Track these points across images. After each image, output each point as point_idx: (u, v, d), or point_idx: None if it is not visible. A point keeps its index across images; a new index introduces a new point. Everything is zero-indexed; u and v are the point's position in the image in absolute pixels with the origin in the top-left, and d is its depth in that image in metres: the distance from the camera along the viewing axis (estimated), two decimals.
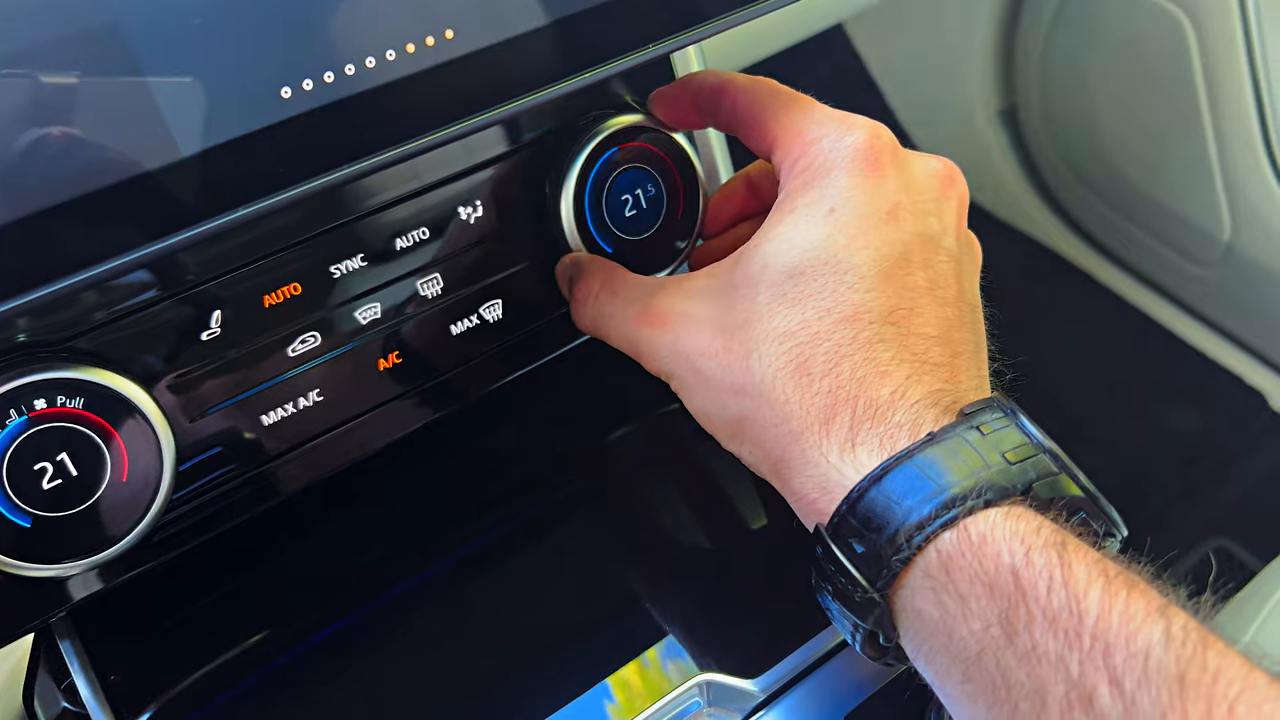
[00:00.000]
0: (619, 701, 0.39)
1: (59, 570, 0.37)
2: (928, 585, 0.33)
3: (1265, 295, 1.16)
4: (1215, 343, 1.25)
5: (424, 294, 0.44)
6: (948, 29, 1.33)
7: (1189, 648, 0.29)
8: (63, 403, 0.36)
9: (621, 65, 0.35)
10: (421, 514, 0.47)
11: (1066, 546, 0.32)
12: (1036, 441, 0.35)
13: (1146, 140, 1.22)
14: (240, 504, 0.42)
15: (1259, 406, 1.21)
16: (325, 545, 0.46)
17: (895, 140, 0.40)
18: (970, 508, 0.32)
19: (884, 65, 1.34)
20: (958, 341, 0.38)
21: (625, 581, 0.44)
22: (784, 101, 0.41)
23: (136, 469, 0.38)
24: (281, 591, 0.45)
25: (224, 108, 0.29)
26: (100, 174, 0.28)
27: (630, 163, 0.46)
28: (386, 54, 0.31)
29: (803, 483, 0.36)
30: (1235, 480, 1.16)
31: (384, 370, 0.44)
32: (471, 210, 0.45)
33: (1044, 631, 0.30)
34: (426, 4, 0.31)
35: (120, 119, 0.28)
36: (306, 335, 0.42)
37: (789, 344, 0.37)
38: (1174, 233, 1.22)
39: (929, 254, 0.38)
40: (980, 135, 1.37)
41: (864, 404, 0.36)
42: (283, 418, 0.42)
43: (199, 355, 0.40)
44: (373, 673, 0.42)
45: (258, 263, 0.40)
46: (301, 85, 0.30)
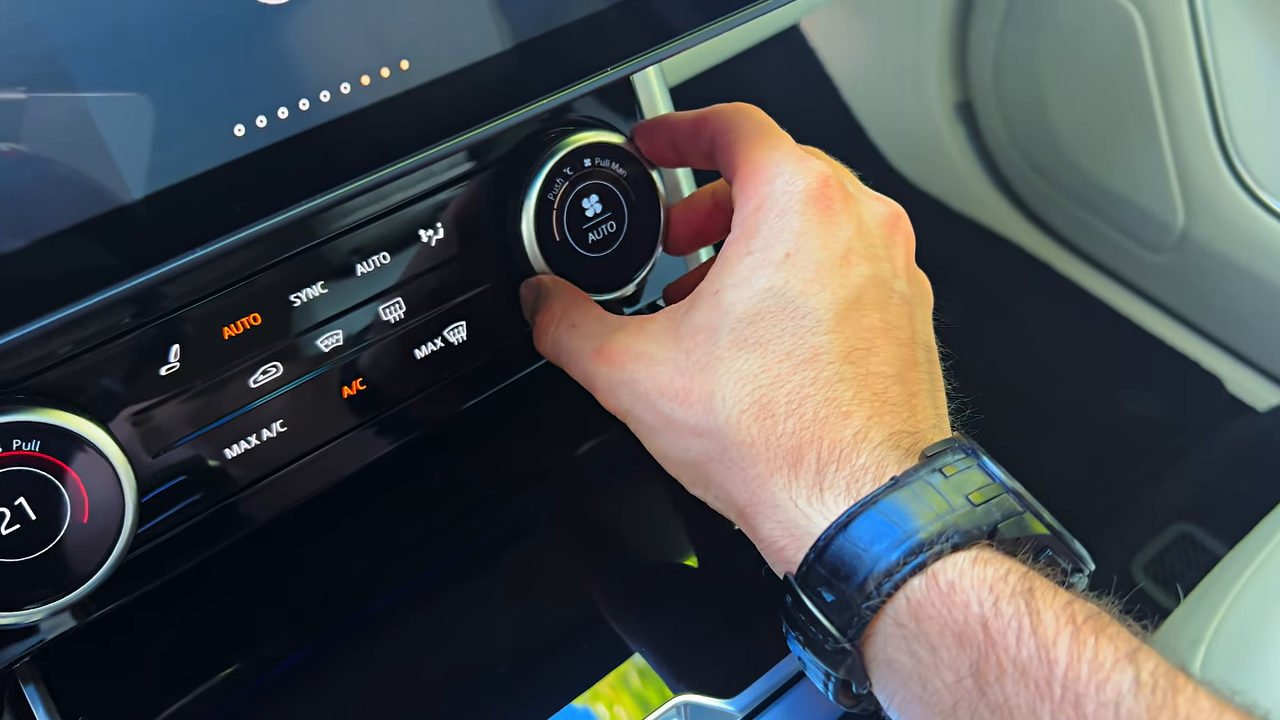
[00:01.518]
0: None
1: (20, 617, 0.37)
2: (899, 634, 0.33)
3: (1219, 280, 1.18)
4: (1172, 328, 1.27)
5: (386, 319, 0.44)
6: (902, 26, 1.35)
7: (1158, 695, 0.29)
8: (18, 446, 0.36)
9: (579, 90, 0.35)
10: (389, 538, 0.47)
11: (1034, 593, 0.32)
12: (999, 481, 0.35)
13: (1100, 131, 1.24)
14: (206, 539, 0.42)
15: (1216, 390, 1.23)
16: (292, 574, 0.45)
17: (844, 184, 0.41)
18: (938, 552, 0.33)
19: (841, 64, 1.35)
20: (913, 381, 0.39)
21: (600, 603, 0.44)
22: (752, 132, 0.42)
23: (98, 510, 0.37)
24: (249, 624, 0.44)
25: (178, 148, 0.29)
26: (56, 218, 0.27)
27: (590, 180, 0.46)
28: (341, 87, 0.31)
29: (770, 529, 0.36)
30: (1196, 465, 1.18)
31: (349, 397, 0.44)
32: (432, 233, 0.44)
33: (1015, 684, 0.31)
34: (381, 36, 0.31)
35: (72, 163, 0.28)
36: (268, 365, 0.42)
37: (751, 385, 0.37)
38: (1129, 221, 1.24)
39: (882, 296, 0.39)
40: (937, 130, 1.39)
41: (828, 445, 0.36)
42: (246, 450, 0.42)
43: (158, 390, 0.40)
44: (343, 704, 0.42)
45: (216, 294, 0.40)
46: (255, 122, 0.30)
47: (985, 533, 0.33)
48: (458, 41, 0.32)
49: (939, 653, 0.32)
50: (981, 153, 1.40)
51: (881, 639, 0.33)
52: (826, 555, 0.34)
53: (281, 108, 0.30)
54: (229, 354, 0.41)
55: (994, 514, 0.34)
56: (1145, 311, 1.29)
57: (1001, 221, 1.40)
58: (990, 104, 1.34)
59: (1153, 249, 1.23)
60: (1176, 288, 1.25)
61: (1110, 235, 1.29)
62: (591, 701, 0.40)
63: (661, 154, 0.47)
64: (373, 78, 0.31)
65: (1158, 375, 1.27)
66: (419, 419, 0.45)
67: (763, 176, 0.40)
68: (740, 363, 0.38)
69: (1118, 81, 1.16)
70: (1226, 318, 1.23)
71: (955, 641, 0.32)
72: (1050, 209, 1.36)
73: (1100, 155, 1.25)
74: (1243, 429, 1.20)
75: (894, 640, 0.33)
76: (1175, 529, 1.09)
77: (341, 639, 0.44)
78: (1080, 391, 1.26)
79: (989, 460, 0.36)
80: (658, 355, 0.39)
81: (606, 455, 0.49)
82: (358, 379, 0.44)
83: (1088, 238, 1.33)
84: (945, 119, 1.38)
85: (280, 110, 0.30)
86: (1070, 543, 0.35)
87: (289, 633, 0.44)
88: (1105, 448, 1.16)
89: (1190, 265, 1.20)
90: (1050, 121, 1.28)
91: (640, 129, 0.47)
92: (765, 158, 0.40)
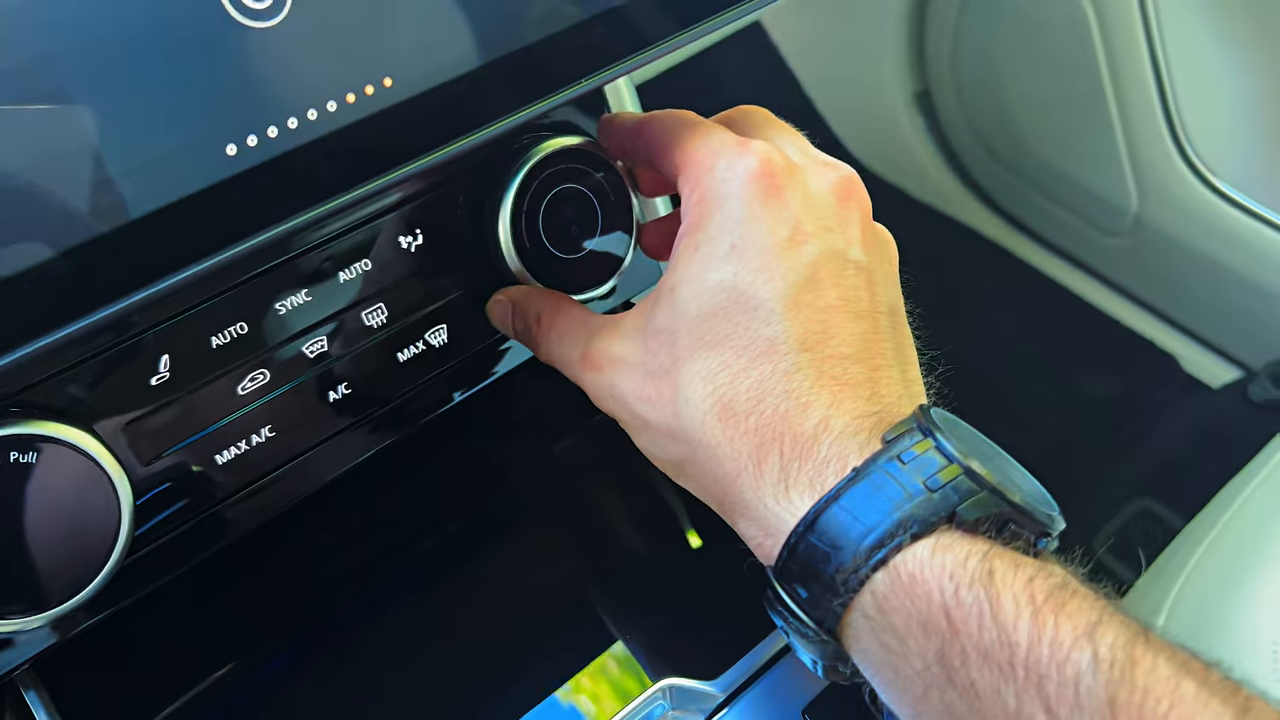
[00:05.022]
0: (585, 708, 0.40)
1: (20, 624, 0.37)
2: (868, 626, 0.34)
3: (1173, 262, 1.20)
4: (1128, 310, 1.28)
5: (369, 324, 0.45)
6: (860, 17, 1.35)
7: (1116, 670, 0.30)
8: (16, 459, 0.36)
9: (558, 100, 0.36)
10: (376, 532, 0.48)
11: (993, 576, 0.32)
12: (956, 461, 0.35)
13: (1056, 119, 1.25)
14: (199, 543, 0.43)
15: (1172, 369, 1.24)
16: (286, 572, 0.46)
17: (788, 155, 0.40)
18: (898, 545, 0.33)
19: (801, 56, 1.35)
20: (877, 354, 0.38)
21: (582, 591, 0.46)
22: (686, 129, 0.41)
23: (94, 517, 0.38)
24: (243, 623, 0.45)
25: (172, 168, 0.30)
26: (55, 240, 0.29)
27: (563, 183, 0.47)
28: (328, 105, 0.32)
29: (746, 526, 0.37)
30: (1154, 442, 1.19)
31: (335, 401, 0.45)
32: (412, 239, 0.46)
33: (979, 668, 0.31)
34: (364, 54, 0.32)
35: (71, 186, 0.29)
36: (255, 373, 0.43)
37: (711, 386, 0.37)
38: (1085, 206, 1.25)
39: (836, 270, 0.39)
40: (896, 120, 1.39)
41: (790, 440, 0.36)
42: (236, 455, 0.43)
43: (150, 400, 0.40)
44: (338, 696, 0.43)
45: (203, 305, 0.41)
46: (246, 141, 0.31)
47: (945, 517, 0.34)
48: (439, 58, 0.34)
49: (906, 642, 0.33)
50: (940, 141, 1.40)
51: (854, 631, 0.34)
52: (798, 553, 0.35)
53: (272, 126, 0.31)
54: (217, 362, 0.42)
55: (952, 498, 0.34)
56: (1102, 294, 1.30)
57: (960, 208, 1.40)
58: (948, 93, 1.35)
59: (1108, 233, 1.25)
60: (1131, 270, 1.27)
61: (1066, 220, 1.30)
62: (577, 687, 0.42)
63: (618, 156, 0.47)
64: (358, 95, 0.32)
65: (1115, 356, 1.27)
66: (404, 420, 0.47)
67: (701, 167, 0.40)
68: (700, 363, 0.37)
69: (1072, 71, 1.17)
70: (1180, 298, 1.24)
71: (921, 631, 0.32)
72: (1008, 195, 1.36)
73: (1056, 142, 1.26)
74: (1198, 406, 1.22)
75: (864, 632, 0.34)
76: (1136, 504, 1.11)
77: (331, 635, 0.45)
78: (1040, 373, 1.26)
79: (945, 437, 0.35)
80: (630, 359, 0.40)
81: (585, 447, 0.50)
82: (343, 383, 0.45)
83: (1045, 223, 1.34)
84: (904, 108, 1.39)
85: (270, 129, 0.31)
86: (1031, 511, 0.35)
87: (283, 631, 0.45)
88: (1065, 427, 1.17)
89: (1144, 248, 1.22)
90: (1007, 110, 1.29)
91: (599, 131, 0.47)
92: (701, 148, 0.40)
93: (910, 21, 1.34)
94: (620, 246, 0.49)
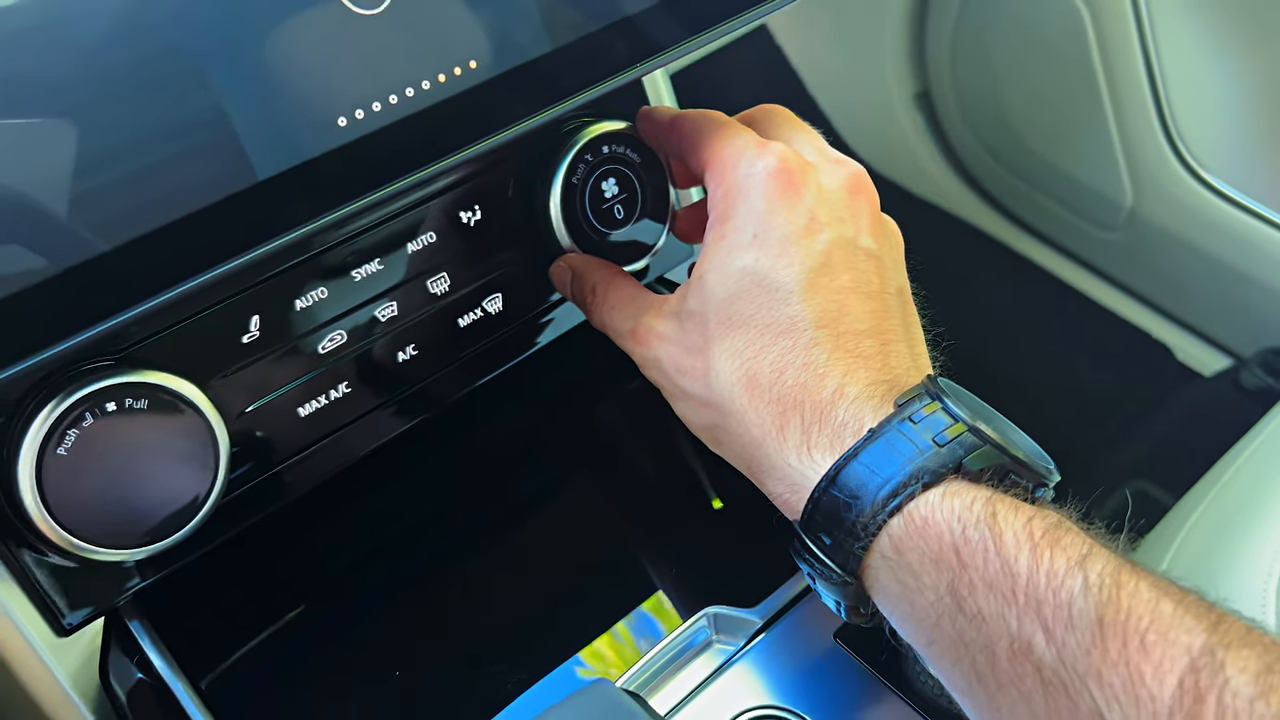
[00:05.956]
0: (639, 634, 0.45)
1: (126, 555, 0.41)
2: (886, 566, 0.37)
3: (1166, 256, 1.22)
4: (1124, 302, 1.30)
5: (434, 291, 0.49)
6: (863, 21, 1.37)
7: (1104, 593, 0.33)
8: (129, 404, 0.40)
9: (614, 84, 0.41)
10: (441, 484, 0.52)
11: (996, 517, 0.36)
12: (961, 420, 0.38)
13: (1051, 117, 1.26)
14: (283, 488, 0.47)
15: (1167, 360, 1.26)
16: (358, 518, 0.50)
17: (803, 155, 0.44)
18: (911, 493, 0.36)
19: (806, 59, 1.37)
20: (887, 330, 0.42)
21: (633, 532, 0.50)
22: (713, 128, 0.46)
23: (196, 460, 0.42)
24: (319, 562, 0.49)
25: (293, 135, 0.34)
26: (198, 198, 0.33)
27: (608, 164, 0.51)
28: (422, 84, 0.36)
29: (774, 484, 0.41)
30: (1149, 427, 1.21)
31: (403, 361, 0.49)
32: (471, 214, 0.50)
33: (985, 596, 0.35)
34: (452, 40, 0.36)
35: (205, 151, 0.33)
36: (335, 333, 0.47)
37: (738, 360, 0.41)
38: (1081, 201, 1.27)
39: (848, 256, 0.43)
40: (898, 119, 1.41)
41: (809, 407, 0.40)
42: (317, 409, 0.47)
43: (242, 356, 0.45)
44: (410, 625, 0.47)
45: (289, 270, 0.45)
46: (354, 115, 0.35)
47: (952, 468, 0.37)
48: (515, 44, 0.38)
49: (920, 577, 0.36)
50: (940, 140, 1.42)
51: (874, 571, 0.38)
52: (821, 505, 0.38)
53: (375, 102, 0.35)
54: (301, 324, 0.46)
55: (958, 451, 0.37)
56: (1098, 286, 1.32)
57: (961, 205, 1.42)
58: (948, 94, 1.37)
59: (1104, 227, 1.27)
60: (1127, 263, 1.29)
61: (1064, 215, 1.32)
62: (631, 616, 0.46)
63: (653, 146, 0.51)
64: (447, 75, 0.37)
65: (1111, 346, 1.29)
66: (464, 380, 0.51)
67: (727, 165, 0.44)
68: (728, 340, 0.42)
69: (1067, 71, 1.19)
70: (1174, 290, 1.26)
71: (933, 567, 0.36)
72: (1007, 192, 1.38)
73: (1053, 140, 1.27)
74: (1191, 393, 1.24)
75: (883, 571, 0.37)
76: (1131, 485, 1.13)
77: (403, 572, 0.49)
78: (1039, 363, 1.28)
79: (952, 400, 0.39)
80: (671, 335, 0.44)
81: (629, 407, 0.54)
82: (411, 344, 0.49)
83: (1043, 218, 1.35)
84: (905, 109, 1.40)
85: (374, 104, 0.35)
86: (1029, 463, 0.38)
87: (359, 568, 0.49)
88: (1064, 414, 1.19)
89: (1139, 242, 1.23)
90: (1005, 110, 1.31)
91: (638, 121, 0.51)
92: (726, 148, 0.44)
93: (910, 24, 1.36)
94: (657, 224, 0.53)
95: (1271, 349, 1.20)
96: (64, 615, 0.42)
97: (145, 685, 0.44)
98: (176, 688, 0.43)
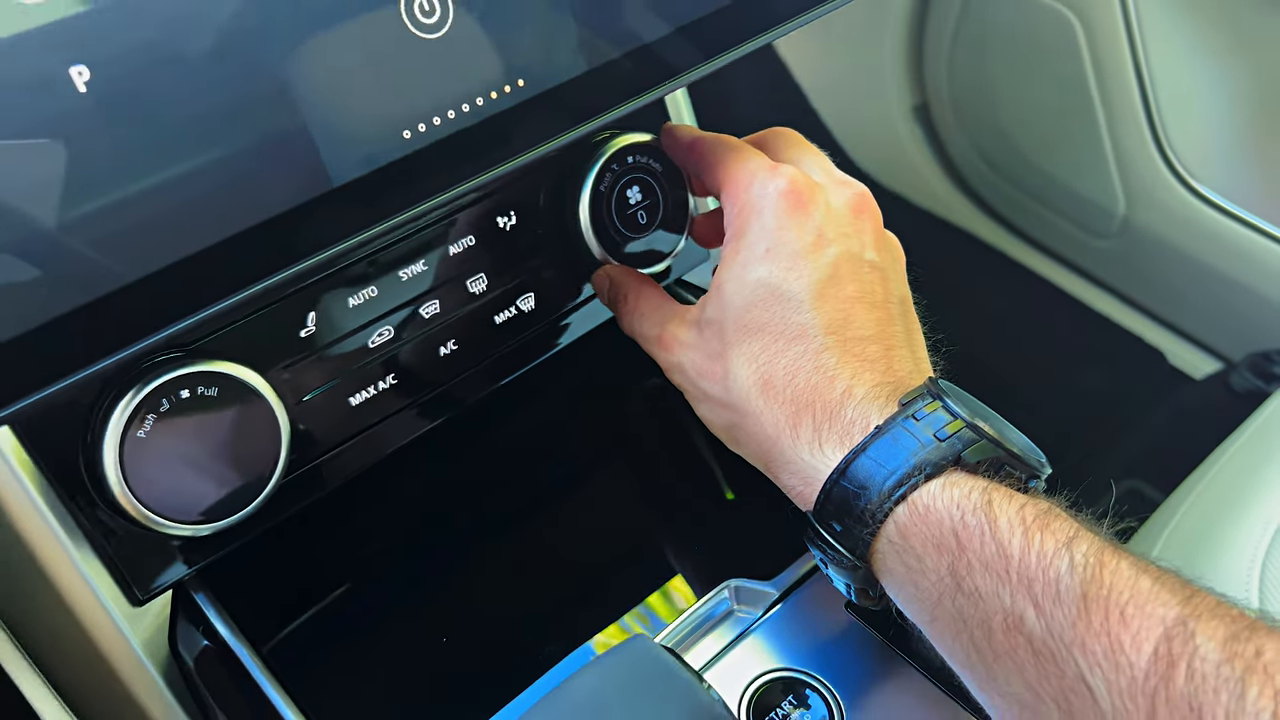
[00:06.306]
0: (665, 604, 0.48)
1: (194, 530, 0.45)
2: (892, 550, 0.40)
3: (1158, 263, 1.24)
4: (1117, 307, 1.32)
5: (472, 290, 0.53)
6: (863, 36, 1.40)
7: (1088, 571, 0.36)
8: (202, 392, 0.44)
9: (634, 105, 0.44)
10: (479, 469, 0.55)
11: (992, 504, 0.38)
12: (960, 417, 0.41)
13: (1047, 129, 1.29)
14: (335, 471, 0.50)
15: (1160, 364, 1.29)
16: (402, 499, 0.54)
17: (811, 177, 0.47)
18: (914, 484, 0.39)
19: (809, 73, 1.39)
20: (890, 336, 0.45)
21: (658, 514, 0.53)
22: (728, 152, 0.49)
23: (261, 443, 0.46)
24: (367, 539, 0.53)
25: (366, 145, 0.38)
26: (280, 203, 0.37)
27: (633, 174, 0.55)
28: (476, 100, 0.40)
29: (788, 478, 0.44)
30: (1142, 428, 1.24)
31: (444, 356, 0.53)
32: (506, 219, 0.54)
33: (981, 575, 0.37)
34: (503, 60, 0.40)
35: (290, 161, 0.37)
36: (382, 329, 0.51)
37: (754, 365, 0.44)
38: (1075, 210, 1.30)
39: (854, 268, 0.46)
40: (897, 131, 1.43)
41: (820, 407, 0.43)
42: (366, 398, 0.51)
43: (300, 349, 0.48)
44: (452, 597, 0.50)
45: (343, 270, 0.49)
46: (417, 128, 0.39)
47: (952, 461, 0.40)
48: (558, 65, 0.42)
49: (923, 560, 0.39)
50: (939, 151, 1.45)
51: (881, 555, 0.41)
52: (832, 496, 0.41)
53: (436, 116, 0.39)
54: (352, 320, 0.50)
55: (957, 445, 0.40)
56: (1093, 293, 1.34)
57: (959, 214, 1.44)
58: (945, 106, 1.40)
59: (1097, 235, 1.29)
60: (1120, 270, 1.32)
61: (1059, 224, 1.34)
62: (657, 587, 0.49)
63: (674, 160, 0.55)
64: (499, 92, 0.40)
65: (1106, 350, 1.31)
66: (500, 373, 0.55)
67: (740, 186, 0.47)
68: (745, 346, 0.45)
69: (1061, 83, 1.21)
70: (1166, 296, 1.28)
71: (935, 550, 0.39)
72: (1003, 201, 1.41)
73: (1047, 151, 1.30)
74: (1182, 395, 1.26)
75: (890, 555, 0.40)
76: (1125, 484, 1.16)
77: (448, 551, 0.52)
78: (1036, 367, 1.30)
79: (952, 400, 0.42)
80: (692, 342, 0.47)
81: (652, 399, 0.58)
82: (451, 340, 0.53)
83: (1038, 227, 1.38)
84: (904, 121, 1.43)
85: (435, 119, 0.39)
86: (1022, 456, 0.41)
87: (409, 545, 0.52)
88: (1060, 416, 1.21)
89: (1132, 249, 1.25)
90: (1001, 121, 1.33)
91: (661, 138, 0.55)
92: (740, 171, 0.48)
93: (909, 39, 1.38)
94: (677, 228, 0.57)
95: (1260, 353, 1.21)
96: (138, 587, 0.46)
97: (211, 651, 0.47)
98: (241, 652, 0.46)
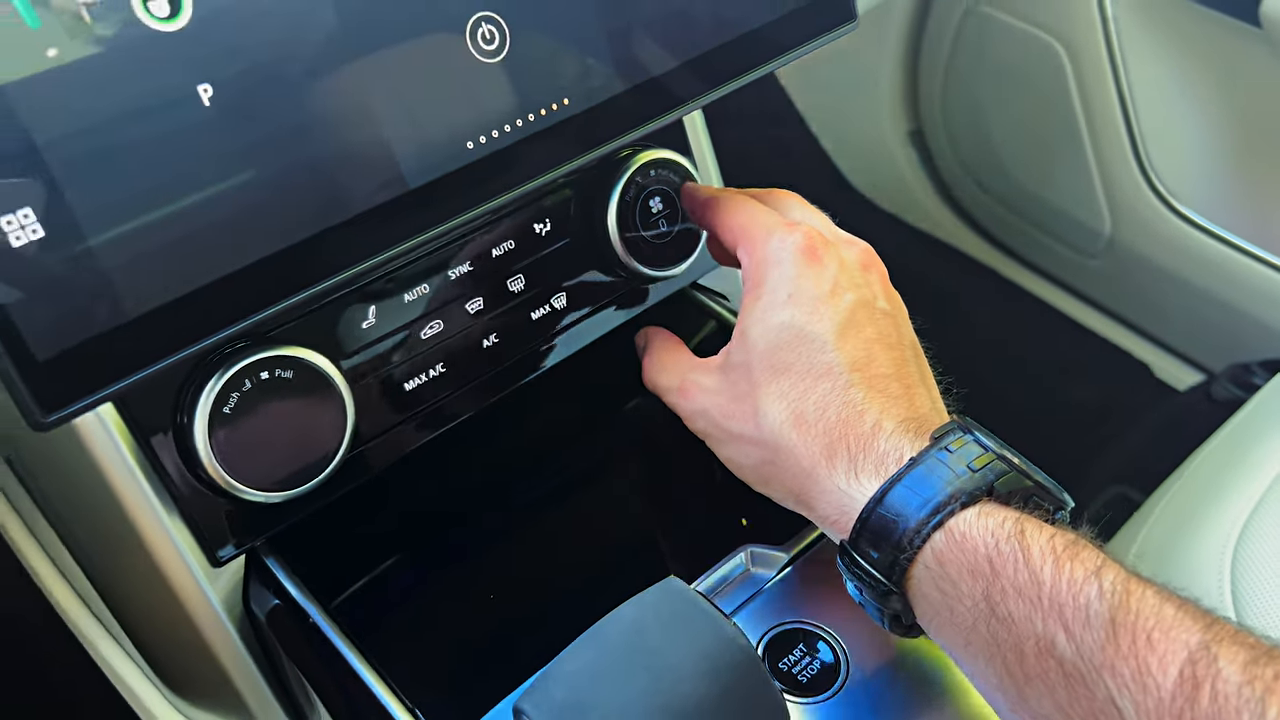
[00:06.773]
0: (684, 566, 0.53)
1: (266, 498, 0.50)
2: (928, 575, 0.41)
3: (1143, 280, 1.27)
4: (1105, 323, 1.37)
5: (512, 289, 0.59)
6: (860, 64, 1.44)
7: (1116, 598, 0.37)
8: (279, 374, 0.50)
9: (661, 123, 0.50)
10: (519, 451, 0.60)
11: (1024, 533, 0.40)
12: (990, 450, 0.43)
13: (1035, 152, 1.33)
14: (393, 448, 0.56)
15: (1145, 376, 1.33)
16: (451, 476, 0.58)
17: (824, 235, 0.50)
18: (950, 511, 0.41)
19: (808, 100, 1.45)
20: (908, 376, 0.47)
21: (681, 488, 0.58)
22: (745, 209, 0.52)
23: (330, 421, 0.51)
24: (423, 511, 0.57)
25: (437, 154, 0.44)
26: (361, 203, 0.43)
27: (654, 186, 0.61)
28: (529, 115, 0.46)
29: (823, 507, 0.45)
30: (1129, 438, 1.28)
31: (487, 347, 0.58)
32: (542, 225, 0.59)
33: (1015, 601, 0.39)
34: (552, 82, 0.46)
35: (371, 168, 0.43)
36: (434, 322, 0.56)
37: (785, 401, 0.46)
38: (1064, 230, 1.34)
39: (869, 314, 0.48)
40: (893, 155, 1.48)
41: (853, 439, 0.44)
42: (419, 384, 0.56)
43: (363, 339, 0.54)
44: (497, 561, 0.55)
45: (401, 269, 0.55)
46: (479, 139, 0.45)
47: (985, 491, 0.41)
48: (599, 86, 0.48)
49: (958, 585, 0.40)
50: (933, 174, 1.48)
51: (916, 580, 0.42)
52: (869, 523, 0.42)
53: (494, 130, 0.45)
54: (408, 314, 0.55)
55: (989, 476, 0.42)
56: (1080, 309, 1.38)
57: (952, 234, 1.49)
58: (939, 131, 1.43)
59: (1085, 254, 1.33)
60: (1107, 287, 1.35)
61: (1048, 243, 1.38)
62: (677, 551, 0.55)
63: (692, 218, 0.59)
64: (547, 110, 0.47)
65: (1093, 364, 1.35)
66: (536, 365, 0.60)
67: (759, 239, 0.50)
68: (774, 385, 0.47)
69: (1049, 110, 1.24)
70: (1150, 311, 1.32)
71: (970, 576, 0.40)
72: (995, 222, 1.44)
73: (1037, 174, 1.34)
74: (1167, 406, 1.31)
75: (925, 580, 0.41)
76: (1112, 490, 1.20)
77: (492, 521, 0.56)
78: (1027, 381, 1.35)
79: (981, 434, 0.43)
80: (716, 388, 0.50)
81: None
82: (494, 333, 0.58)
83: (1028, 246, 1.41)
84: (899, 145, 1.47)
85: (493, 132, 0.45)
86: (1051, 489, 0.43)
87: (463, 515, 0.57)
88: (1051, 427, 1.24)
89: (1118, 267, 1.29)
90: (992, 145, 1.37)
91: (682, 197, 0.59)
92: (759, 227, 0.51)
93: (904, 66, 1.43)
94: (693, 238, 0.63)
95: (1240, 364, 1.25)
96: (219, 549, 0.52)
97: (281, 609, 0.53)
98: (310, 609, 0.52)
